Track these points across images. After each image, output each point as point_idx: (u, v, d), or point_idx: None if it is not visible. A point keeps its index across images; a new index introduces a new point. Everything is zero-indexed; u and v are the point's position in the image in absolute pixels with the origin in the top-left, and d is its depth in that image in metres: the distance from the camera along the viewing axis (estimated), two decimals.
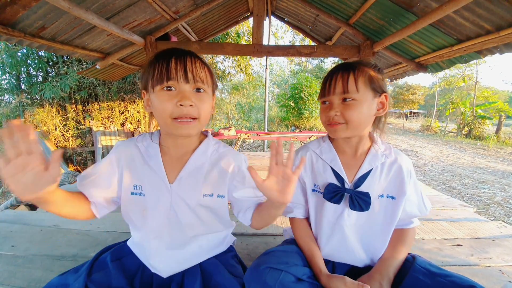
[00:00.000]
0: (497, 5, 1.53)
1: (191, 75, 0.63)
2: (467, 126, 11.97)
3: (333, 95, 0.74)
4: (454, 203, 1.86)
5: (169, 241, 0.74)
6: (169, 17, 2.75)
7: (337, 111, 0.73)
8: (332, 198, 0.77)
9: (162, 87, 0.62)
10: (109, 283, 0.69)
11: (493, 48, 1.90)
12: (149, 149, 0.72)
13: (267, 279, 0.65)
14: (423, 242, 1.29)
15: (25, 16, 1.82)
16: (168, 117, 0.62)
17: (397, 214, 0.78)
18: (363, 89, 0.72)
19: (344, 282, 0.68)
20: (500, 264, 1.11)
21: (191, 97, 0.63)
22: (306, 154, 0.84)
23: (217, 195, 0.74)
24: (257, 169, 2.30)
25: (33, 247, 1.13)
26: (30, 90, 4.91)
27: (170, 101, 0.61)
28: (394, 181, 0.78)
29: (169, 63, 0.62)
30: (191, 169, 0.71)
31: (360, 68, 0.73)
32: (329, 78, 0.75)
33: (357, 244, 0.80)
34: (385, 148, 0.81)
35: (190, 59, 0.64)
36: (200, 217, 0.74)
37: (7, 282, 0.90)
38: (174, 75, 0.61)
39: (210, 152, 0.75)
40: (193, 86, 0.64)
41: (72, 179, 3.28)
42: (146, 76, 0.66)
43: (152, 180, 0.70)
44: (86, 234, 1.26)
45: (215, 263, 0.78)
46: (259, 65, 12.86)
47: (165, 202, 0.71)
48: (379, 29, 2.53)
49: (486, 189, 4.22)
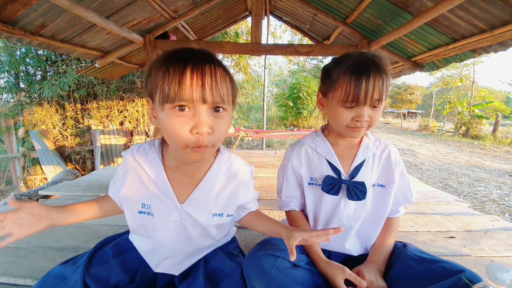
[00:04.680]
0: (490, 4, 1.56)
1: (210, 94, 0.51)
2: (464, 126, 12.06)
3: (369, 104, 0.69)
4: (449, 198, 1.90)
5: (177, 250, 0.73)
6: (168, 16, 2.77)
7: (368, 116, 0.70)
8: (330, 190, 0.79)
9: (173, 106, 0.51)
10: (108, 279, 0.68)
11: (487, 46, 1.93)
12: (153, 167, 0.65)
13: (264, 265, 0.67)
14: (417, 234, 1.32)
15: (25, 14, 1.84)
16: (180, 144, 0.53)
17: (388, 203, 0.81)
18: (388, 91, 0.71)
19: (343, 271, 0.69)
20: (491, 255, 1.14)
21: (209, 121, 0.52)
22: (302, 149, 0.85)
23: (227, 214, 0.74)
24: (256, 166, 2.31)
25: (35, 240, 1.14)
26: (29, 88, 4.90)
27: (183, 125, 0.51)
28: (384, 171, 0.82)
29: (182, 77, 0.49)
30: (203, 190, 0.67)
31: (387, 70, 0.70)
32: (362, 81, 0.66)
33: (353, 233, 0.82)
34: (375, 139, 0.84)
35: (210, 70, 0.51)
36: (208, 231, 0.74)
37: (9, 272, 0.92)
38: (189, 94, 0.49)
39: (223, 171, 0.70)
40: (211, 106, 0.53)
41: (71, 177, 3.29)
42: (152, 82, 0.54)
43: (161, 200, 0.66)
44: (87, 227, 1.28)
45: (217, 252, 0.80)
46: (258, 65, 12.88)
47: (175, 222, 0.68)
48: (375, 28, 2.57)
49: (482, 187, 4.27)
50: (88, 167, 5.27)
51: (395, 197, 0.82)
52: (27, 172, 5.06)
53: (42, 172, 4.98)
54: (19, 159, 5.03)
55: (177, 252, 0.73)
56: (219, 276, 0.71)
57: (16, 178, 5.07)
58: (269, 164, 2.94)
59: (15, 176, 5.11)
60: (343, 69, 0.70)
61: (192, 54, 0.53)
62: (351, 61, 0.70)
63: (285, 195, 0.89)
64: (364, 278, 0.70)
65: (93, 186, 1.99)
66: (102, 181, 2.14)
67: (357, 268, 0.75)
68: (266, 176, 2.42)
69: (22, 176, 4.97)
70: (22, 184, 4.91)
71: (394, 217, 0.86)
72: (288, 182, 0.88)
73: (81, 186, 1.98)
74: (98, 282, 0.66)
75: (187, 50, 0.54)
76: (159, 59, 0.54)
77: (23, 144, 5.08)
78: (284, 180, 0.88)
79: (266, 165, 2.84)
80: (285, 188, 0.88)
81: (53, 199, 1.82)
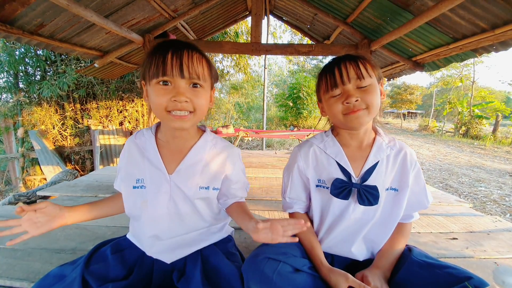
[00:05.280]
0: (492, 3, 1.55)
1: (187, 70, 0.63)
2: (464, 126, 12.06)
3: (348, 83, 0.71)
4: (450, 199, 1.88)
5: (169, 230, 0.76)
6: (167, 16, 2.76)
7: (357, 96, 0.70)
8: (339, 194, 0.74)
9: (158, 81, 0.63)
10: (107, 274, 0.70)
11: (488, 46, 1.92)
12: (147, 143, 0.75)
13: (265, 269, 0.65)
14: (419, 235, 1.30)
15: (23, 13, 1.83)
16: (163, 110, 0.64)
17: (401, 207, 0.77)
18: (372, 74, 0.73)
19: (346, 278, 0.67)
20: (495, 256, 1.13)
21: (186, 93, 0.63)
22: (310, 150, 0.82)
23: (213, 187, 0.78)
24: (255, 167, 2.31)
25: (31, 241, 1.13)
26: (28, 88, 4.89)
27: (165, 95, 0.63)
28: (399, 174, 0.78)
29: (165, 57, 0.62)
30: (190, 163, 0.74)
31: (361, 57, 0.74)
32: (335, 69, 0.73)
33: (360, 237, 0.79)
34: (389, 140, 0.80)
35: (188, 53, 0.64)
36: (197, 209, 0.77)
37: (6, 274, 0.90)
38: (169, 70, 0.61)
39: (208, 147, 0.78)
40: (189, 81, 0.64)
41: (70, 177, 3.27)
42: (144, 67, 0.67)
43: (152, 172, 0.73)
44: (84, 228, 1.27)
45: (215, 250, 0.80)
46: (258, 65, 12.89)
47: (165, 193, 0.73)
48: (376, 28, 2.55)
49: (482, 187, 4.25)
50: (87, 167, 5.25)
51: (408, 202, 0.78)
52: (26, 173, 5.05)
53: (41, 173, 4.96)
54: (18, 159, 5.01)
55: (170, 233, 0.76)
56: (217, 275, 0.71)
57: (15, 178, 5.06)
58: (269, 164, 2.92)
59: (14, 176, 5.09)
60: (322, 70, 0.78)
61: (175, 42, 0.66)
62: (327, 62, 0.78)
63: (289, 196, 0.86)
64: (369, 284, 0.67)
65: (92, 186, 1.98)
66: (101, 181, 2.12)
67: (361, 272, 0.72)
68: (266, 176, 2.40)
69: (21, 176, 4.95)
70: (21, 184, 4.90)
71: (406, 223, 0.82)
72: (293, 184, 0.85)
73: (79, 186, 1.97)
74: (97, 278, 0.67)
75: (172, 40, 0.67)
76: (151, 48, 0.67)
77: (22, 144, 5.06)
78: (289, 181, 0.86)
79: (266, 165, 2.83)
80: (289, 189, 0.86)
81: (51, 200, 1.80)
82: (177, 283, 0.72)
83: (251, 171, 2.55)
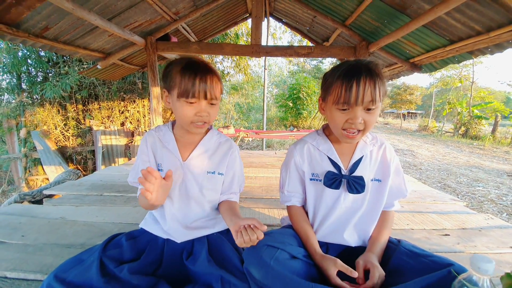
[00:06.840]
0: (486, 6, 1.59)
1: (209, 94, 0.80)
2: (463, 126, 12.09)
3: (361, 105, 0.73)
4: (445, 198, 1.93)
5: (179, 211, 0.90)
6: (169, 18, 2.81)
7: (361, 120, 0.74)
8: (331, 184, 0.85)
9: (186, 101, 0.79)
10: (122, 257, 0.80)
11: (484, 48, 1.97)
12: (166, 136, 0.92)
13: (263, 255, 0.71)
14: (412, 232, 1.35)
15: (29, 16, 1.88)
16: (188, 121, 0.82)
17: (384, 196, 0.87)
18: (382, 96, 0.74)
19: (335, 263, 0.74)
20: (484, 251, 1.17)
21: (207, 109, 0.82)
22: (304, 146, 0.92)
23: (218, 172, 0.94)
24: (255, 166, 2.37)
25: (42, 237, 1.18)
26: (30, 89, 4.94)
27: (191, 111, 0.80)
28: (381, 166, 0.88)
29: (194, 83, 0.77)
30: (199, 152, 0.92)
31: (381, 74, 0.74)
32: (354, 85, 0.71)
33: (351, 225, 0.87)
34: (372, 137, 0.90)
35: (211, 79, 0.80)
36: (204, 195, 0.91)
37: (19, 268, 0.95)
38: (197, 94, 0.78)
39: (214, 140, 0.96)
40: (209, 101, 0.82)
41: (73, 177, 3.32)
42: (171, 81, 0.80)
43: (170, 159, 0.90)
44: (92, 225, 1.32)
45: (220, 237, 0.91)
46: (258, 66, 12.93)
47: (178, 176, 0.88)
48: (374, 30, 2.60)
49: (480, 187, 4.30)
50: (89, 167, 5.30)
51: (390, 191, 0.88)
52: (29, 173, 5.10)
53: (43, 173, 5.01)
54: (21, 160, 5.07)
55: (180, 214, 0.90)
56: (221, 255, 0.83)
57: (18, 178, 5.11)
58: (269, 164, 2.97)
59: (17, 176, 5.14)
60: (337, 74, 0.76)
61: (201, 67, 0.80)
62: (345, 66, 0.76)
63: (287, 190, 0.94)
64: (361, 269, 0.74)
65: (96, 185, 2.02)
66: (105, 181, 2.17)
67: (361, 258, 0.78)
68: (266, 176, 2.45)
69: (24, 176, 5.00)
70: (24, 184, 4.94)
71: (389, 210, 0.91)
72: (290, 178, 0.93)
73: (85, 185, 2.02)
74: (113, 260, 0.76)
75: (197, 63, 0.81)
76: (178, 65, 0.80)
77: (25, 144, 5.11)
78: (287, 175, 0.94)
79: (266, 165, 2.87)
80: (287, 183, 0.94)
81: (57, 199, 1.85)
82: (185, 261, 0.84)
83: (251, 171, 2.59)
